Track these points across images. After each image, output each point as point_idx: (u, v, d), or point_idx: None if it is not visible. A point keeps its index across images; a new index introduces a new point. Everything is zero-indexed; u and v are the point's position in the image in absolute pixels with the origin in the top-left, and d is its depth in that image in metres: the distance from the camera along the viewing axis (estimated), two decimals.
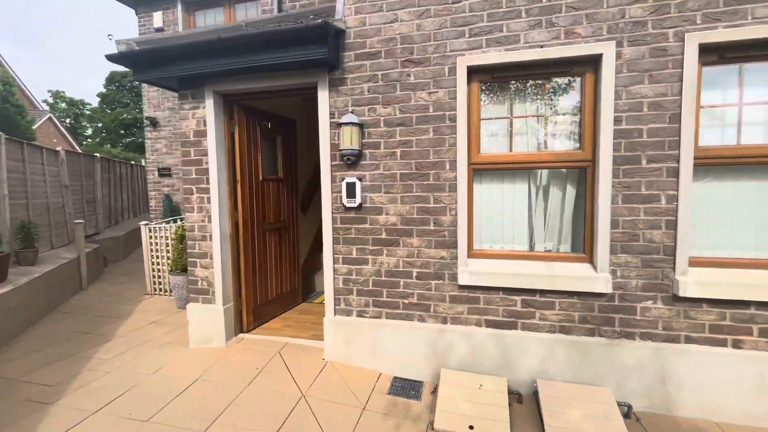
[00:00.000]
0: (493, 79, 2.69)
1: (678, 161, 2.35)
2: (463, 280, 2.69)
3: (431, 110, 2.70)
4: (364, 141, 2.84)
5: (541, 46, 2.49)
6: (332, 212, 2.96)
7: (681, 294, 2.37)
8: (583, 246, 2.65)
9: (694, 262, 2.43)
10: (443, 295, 2.78)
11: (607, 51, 2.39)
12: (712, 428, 2.31)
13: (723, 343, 2.37)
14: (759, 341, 2.33)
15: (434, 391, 2.68)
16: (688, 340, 2.42)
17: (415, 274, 2.83)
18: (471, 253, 2.79)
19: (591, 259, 2.61)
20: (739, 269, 2.40)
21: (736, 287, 2.31)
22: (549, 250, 2.78)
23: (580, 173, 2.65)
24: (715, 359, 2.36)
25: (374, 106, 2.80)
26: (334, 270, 3.00)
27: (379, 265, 2.89)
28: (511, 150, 2.75)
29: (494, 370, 2.70)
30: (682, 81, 2.31)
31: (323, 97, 2.90)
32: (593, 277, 2.49)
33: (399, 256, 2.85)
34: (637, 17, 2.35)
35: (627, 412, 2.42)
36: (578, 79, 2.57)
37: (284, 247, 4.06)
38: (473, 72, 2.65)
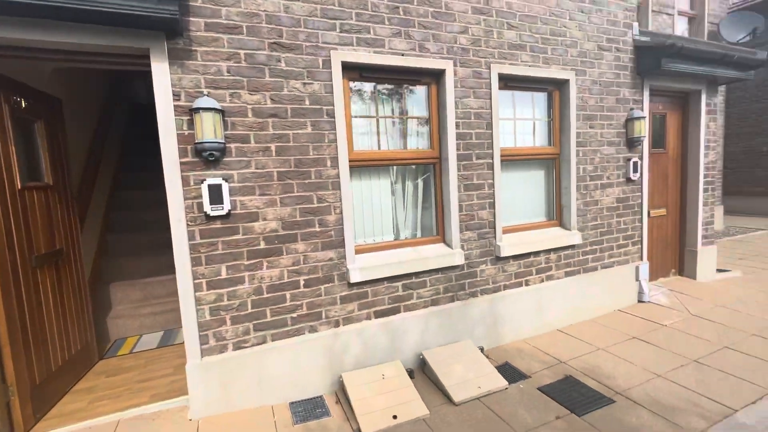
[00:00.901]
0: (361, 77, 2.76)
1: (492, 158, 3.18)
2: (354, 277, 2.67)
3: (308, 103, 2.49)
4: (227, 133, 2.30)
5: (402, 54, 2.76)
6: (187, 225, 2.25)
7: (499, 255, 3.24)
8: (436, 229, 3.16)
9: (506, 231, 3.38)
10: (334, 297, 2.67)
11: (448, 68, 2.92)
12: (522, 344, 3.31)
13: (520, 284, 3.42)
14: (536, 278, 3.49)
15: (338, 401, 2.56)
16: (505, 287, 3.34)
17: (302, 283, 2.57)
18: (357, 250, 2.79)
19: (444, 239, 3.15)
20: (522, 232, 3.51)
21: (522, 245, 3.37)
22: (413, 237, 3.15)
23: (431, 168, 3.13)
24: (518, 297, 3.38)
25: (238, 91, 2.31)
26: (196, 300, 2.31)
27: (259, 281, 2.45)
28: (379, 147, 2.92)
29: (386, 356, 2.84)
30: (491, 98, 3.12)
31: (161, 70, 2.13)
32: (452, 254, 3.03)
33: (283, 265, 2.50)
34: (464, 45, 2.99)
35: (481, 351, 3.11)
36: (427, 88, 3.02)
37: (66, 285, 2.72)
38: (345, 68, 2.63)
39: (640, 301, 4.04)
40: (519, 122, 3.50)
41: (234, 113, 2.31)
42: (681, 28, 7.02)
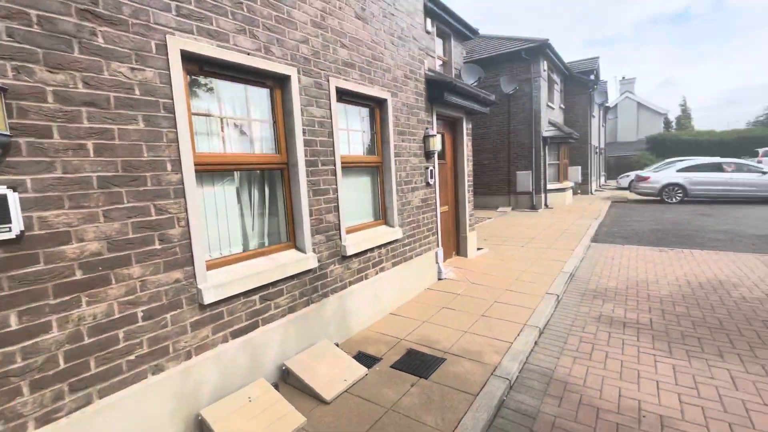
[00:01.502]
0: (202, 71, 2.43)
1: (335, 165, 3.40)
2: (208, 298, 2.35)
3: (138, 92, 2.02)
4: (14, 122, 1.61)
5: (249, 53, 2.60)
6: None
7: (345, 254, 3.50)
8: (287, 235, 3.14)
9: (348, 231, 3.66)
10: (184, 325, 2.27)
11: (293, 74, 2.94)
12: (367, 332, 3.70)
13: (361, 279, 3.79)
14: (373, 271, 3.95)
15: None
16: (350, 283, 3.64)
17: (141, 315, 2.07)
18: (208, 266, 2.45)
19: (295, 245, 3.16)
20: (359, 231, 3.90)
21: (362, 243, 3.76)
22: (265, 245, 3.01)
23: (279, 174, 3.07)
24: (361, 290, 3.74)
25: (29, 65, 1.65)
26: None
27: (77, 323, 1.83)
28: (225, 150, 2.65)
29: (249, 377, 2.63)
30: (330, 109, 3.33)
31: None
32: (306, 258, 3.08)
33: (112, 297, 1.95)
34: (306, 55, 3.07)
35: (337, 347, 3.29)
36: (270, 91, 2.93)
37: None
38: (186, 59, 2.27)
39: (439, 279, 5.17)
40: (352, 133, 3.86)
41: (23, 94, 1.64)
42: (437, 69, 9.14)
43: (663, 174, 13.41)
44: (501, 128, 13.67)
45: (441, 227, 5.48)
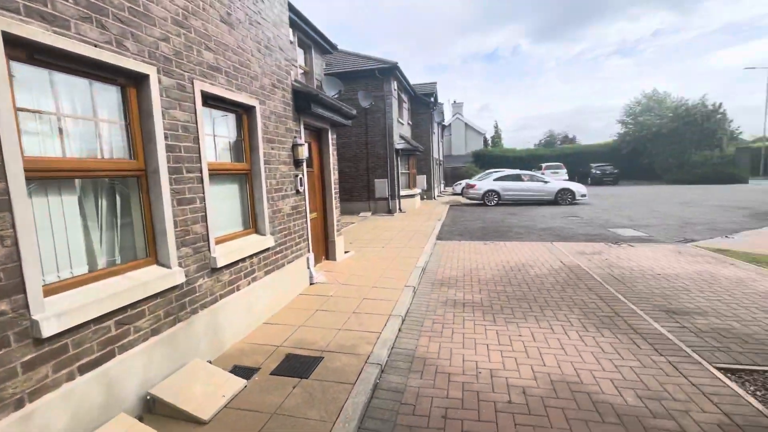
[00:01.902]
0: (32, 60, 2.03)
1: (201, 172, 3.22)
2: (48, 330, 1.97)
3: None
4: None
5: (96, 45, 2.29)
6: None
7: (215, 266, 3.35)
8: (147, 249, 2.83)
9: (218, 242, 3.48)
10: (13, 368, 1.86)
11: (152, 74, 2.70)
12: (242, 345, 3.59)
13: (233, 291, 3.66)
14: (245, 282, 3.85)
15: None
16: (221, 296, 3.48)
17: None
18: (47, 290, 2.04)
19: (157, 260, 2.87)
20: (230, 241, 3.75)
21: (232, 253, 3.64)
22: (120, 261, 2.65)
23: (136, 182, 2.75)
24: (233, 302, 3.61)
25: None
26: None
27: None
28: (65, 155, 2.25)
29: (106, 413, 2.29)
30: (196, 113, 3.15)
31: None
32: (171, 273, 2.84)
33: None
34: (167, 54, 2.85)
35: (210, 364, 3.12)
36: (127, 91, 2.62)
37: None
38: (9, 43, 1.87)
39: (311, 284, 5.33)
40: (220, 139, 3.70)
41: None
42: (300, 79, 9.33)
43: (484, 183, 16.65)
44: (360, 139, 14.64)
45: (311, 233, 5.64)
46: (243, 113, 4.02)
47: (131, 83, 2.64)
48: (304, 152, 4.97)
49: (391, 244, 8.30)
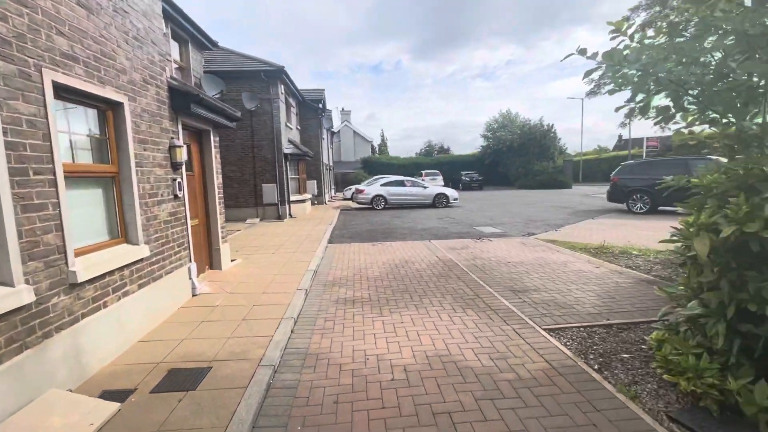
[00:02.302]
0: None
1: (55, 174, 2.81)
2: None
3: None
4: None
5: None
6: None
7: (75, 281, 2.95)
8: None
9: (80, 253, 3.06)
10: None
11: None
12: (112, 367, 3.22)
13: (99, 308, 3.26)
14: (113, 297, 3.45)
15: None
16: (84, 315, 3.07)
17: None
18: None
19: None
20: (94, 252, 3.33)
21: (97, 266, 3.25)
22: None
23: None
24: (98, 321, 3.22)
25: None
26: None
27: None
28: None
29: None
30: (46, 106, 2.75)
31: None
32: (15, 293, 2.43)
33: None
34: (5, 35, 2.45)
35: (72, 392, 2.74)
36: None
37: None
38: None
39: (194, 295, 4.98)
40: (79, 138, 3.26)
41: None
42: (174, 74, 8.57)
43: (372, 188, 17.56)
44: (245, 142, 13.95)
45: (193, 241, 5.27)
46: (109, 110, 3.61)
47: None
48: (182, 154, 4.65)
49: (282, 249, 8.20)
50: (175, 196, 4.67)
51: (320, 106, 20.46)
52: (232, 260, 6.77)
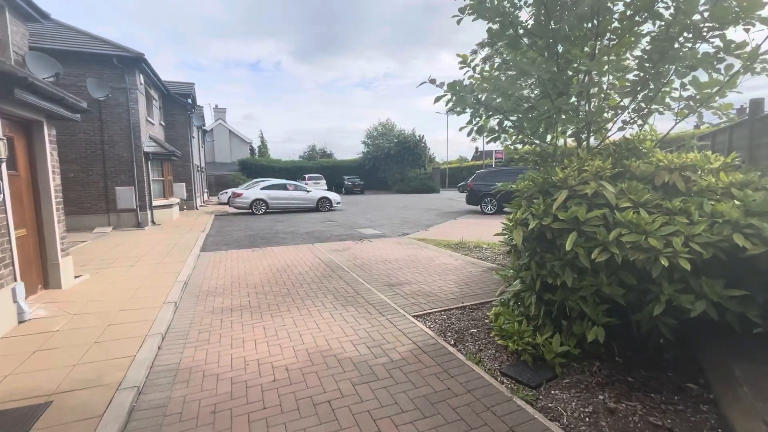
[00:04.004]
0: None
1: None
2: None
3: None
4: None
5: None
6: None
7: None
8: None
9: None
10: None
11: None
12: None
13: None
14: None
15: None
16: None
17: None
18: None
19: None
20: None
21: None
22: None
23: None
24: None
25: None
26: None
27: None
28: None
29: None
30: None
31: None
32: None
33: None
34: None
35: None
36: None
37: None
38: None
39: (21, 322, 4.07)
40: None
41: None
42: None
43: (251, 191, 16.72)
44: (92, 137, 11.78)
45: (19, 256, 4.30)
46: None
47: None
48: (1, 150, 3.79)
49: (143, 261, 7.24)
50: None
51: (189, 101, 18.53)
52: (77, 276, 5.70)
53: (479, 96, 3.03)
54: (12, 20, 7.96)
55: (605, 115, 3.57)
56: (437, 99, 2.88)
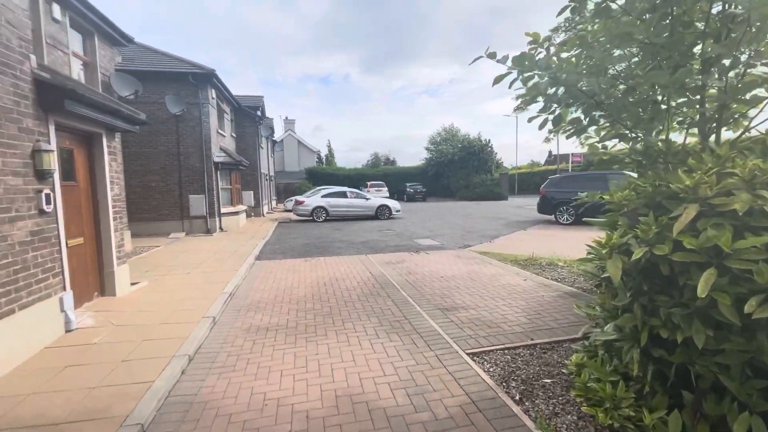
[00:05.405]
0: None
1: None
2: None
3: None
4: None
5: None
6: None
7: None
8: None
9: None
10: None
11: None
12: None
13: None
14: None
15: None
16: None
17: None
18: None
19: None
20: None
21: None
22: None
23: None
24: None
25: None
26: None
27: None
28: None
29: None
30: None
31: None
32: None
33: None
34: None
35: None
36: None
37: None
38: None
39: (68, 331, 4.10)
40: None
41: None
42: (76, 69, 7.49)
43: (312, 199, 16.94)
44: (170, 149, 12.72)
45: (71, 265, 4.38)
46: None
47: None
48: (51, 161, 3.84)
49: (200, 268, 7.35)
50: (41, 211, 3.83)
51: (258, 113, 19.50)
52: (134, 283, 5.85)
53: (559, 74, 2.23)
54: (100, 45, 8.70)
55: (746, 95, 2.50)
56: (497, 79, 2.14)
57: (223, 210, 13.71)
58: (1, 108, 3.40)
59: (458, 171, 34.51)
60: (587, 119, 2.53)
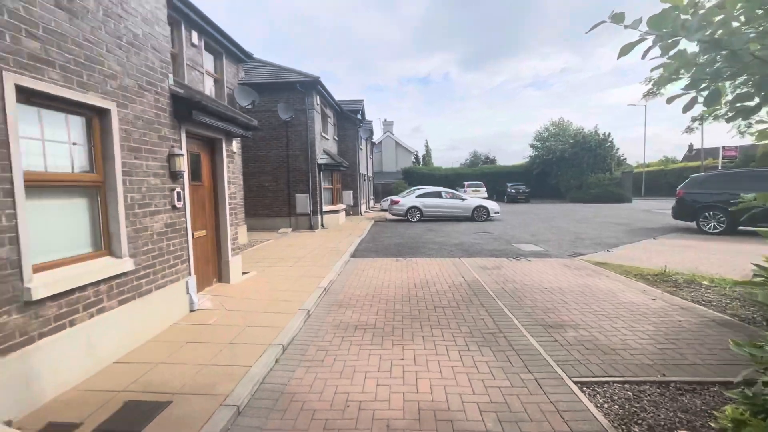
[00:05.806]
0: None
1: (12, 183, 2.62)
2: None
3: None
4: None
5: None
6: None
7: (30, 299, 2.72)
8: None
9: (40, 269, 2.85)
10: None
11: None
12: (71, 393, 2.96)
13: (63, 327, 3.02)
14: (84, 315, 3.22)
15: None
16: (42, 335, 2.83)
17: None
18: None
19: None
20: (64, 267, 3.13)
21: (63, 281, 3.02)
22: None
23: None
24: (60, 341, 2.97)
25: None
26: None
27: None
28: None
29: None
30: (5, 111, 2.58)
31: None
32: None
33: None
34: None
35: (9, 426, 2.48)
36: None
37: None
38: None
39: (191, 311, 4.73)
40: (53, 145, 3.10)
41: None
42: (209, 85, 8.73)
43: (408, 199, 17.01)
44: (280, 152, 14.09)
45: (195, 254, 5.06)
46: (94, 116, 3.45)
47: None
48: (182, 163, 4.46)
49: (302, 262, 7.90)
50: (174, 207, 4.48)
51: (358, 116, 20.41)
52: (245, 273, 6.55)
53: (721, 35, 1.65)
54: (227, 63, 9.99)
55: None
56: (624, 50, 1.65)
57: (324, 208, 14.67)
58: (147, 120, 4.05)
59: (569, 169, 31.04)
60: (760, 96, 1.85)
